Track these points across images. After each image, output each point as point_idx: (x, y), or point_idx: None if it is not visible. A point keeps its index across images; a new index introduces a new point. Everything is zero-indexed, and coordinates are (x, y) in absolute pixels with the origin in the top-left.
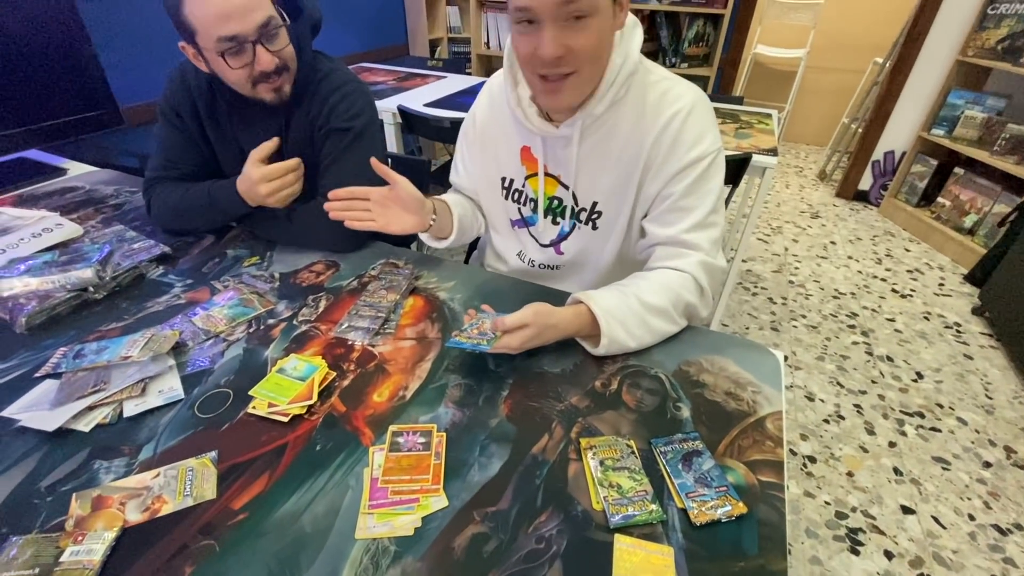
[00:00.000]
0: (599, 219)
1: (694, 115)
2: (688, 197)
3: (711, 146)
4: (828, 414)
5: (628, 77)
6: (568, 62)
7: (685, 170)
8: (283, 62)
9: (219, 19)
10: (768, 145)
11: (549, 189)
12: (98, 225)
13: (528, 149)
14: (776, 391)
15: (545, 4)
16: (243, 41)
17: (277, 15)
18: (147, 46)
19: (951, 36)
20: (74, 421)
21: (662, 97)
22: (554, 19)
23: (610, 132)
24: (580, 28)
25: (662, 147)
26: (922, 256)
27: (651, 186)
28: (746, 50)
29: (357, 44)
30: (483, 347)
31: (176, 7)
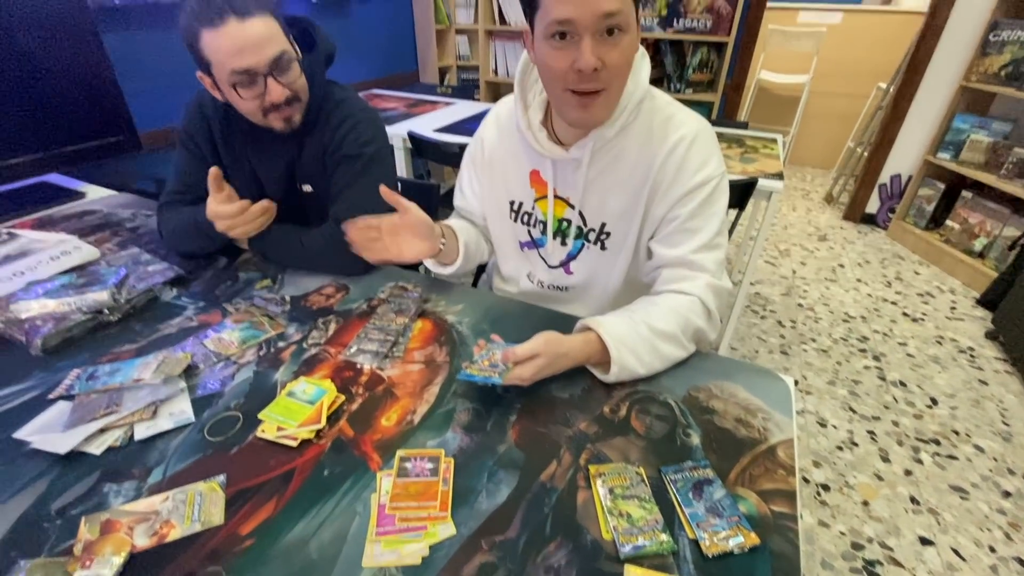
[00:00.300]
0: (607, 240)
1: (699, 141)
2: (694, 219)
3: (715, 170)
4: (841, 440)
5: (638, 104)
6: (602, 77)
7: (691, 193)
8: (294, 93)
9: (233, 53)
10: (774, 169)
11: (558, 211)
12: (114, 248)
13: (537, 172)
14: (787, 418)
15: (587, 15)
16: (255, 74)
17: (290, 48)
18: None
19: (954, 62)
20: (85, 444)
21: (667, 123)
22: (593, 32)
23: (618, 156)
24: (614, 43)
25: (668, 171)
26: (932, 279)
27: (658, 208)
28: (750, 76)
29: (369, 71)
30: (495, 380)
31: (194, 40)
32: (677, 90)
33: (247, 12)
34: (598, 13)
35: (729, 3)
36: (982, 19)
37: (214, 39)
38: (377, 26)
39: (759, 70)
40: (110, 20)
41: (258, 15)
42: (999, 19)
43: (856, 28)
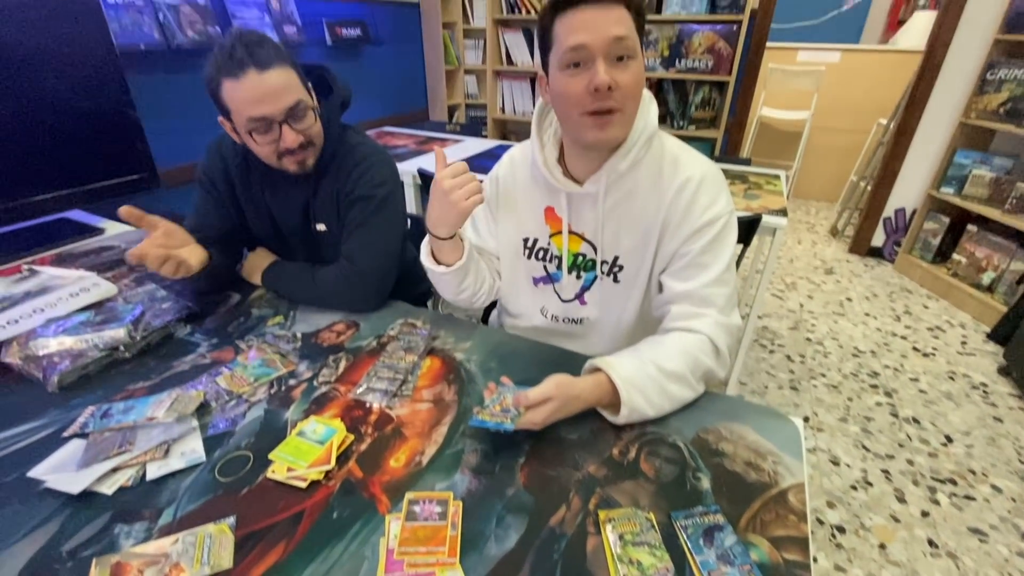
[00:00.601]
0: (620, 273)
1: (706, 181)
2: (706, 254)
3: (724, 208)
4: (855, 480)
5: (648, 139)
6: (616, 97)
7: (702, 229)
8: (308, 139)
9: (251, 103)
10: (778, 206)
11: (573, 246)
12: (131, 284)
13: (552, 209)
14: (797, 461)
15: (598, 40)
16: (271, 121)
17: (306, 97)
18: (184, 113)
19: (953, 99)
20: (98, 483)
21: (675, 163)
22: (605, 56)
23: (631, 191)
24: (624, 67)
25: (678, 208)
26: (942, 313)
27: (669, 244)
28: (752, 113)
29: (381, 110)
30: (507, 426)
31: (216, 89)
32: (680, 127)
33: (267, 65)
34: (608, 37)
35: (729, 44)
36: (978, 58)
37: (234, 89)
38: (389, 67)
39: (760, 107)
40: (135, 63)
41: (277, 67)
42: (995, 59)
43: (855, 67)
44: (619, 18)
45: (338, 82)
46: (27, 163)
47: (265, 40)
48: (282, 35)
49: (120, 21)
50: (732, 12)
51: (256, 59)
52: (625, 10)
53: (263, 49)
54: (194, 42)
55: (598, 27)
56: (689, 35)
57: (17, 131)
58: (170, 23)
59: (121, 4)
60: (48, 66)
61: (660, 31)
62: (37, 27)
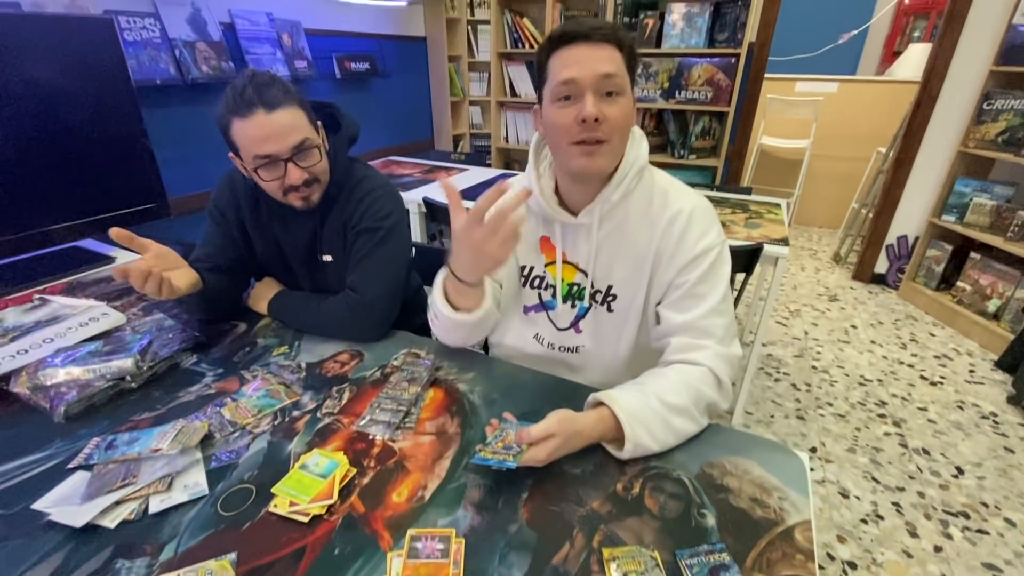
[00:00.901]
0: (614, 302)
1: (696, 214)
2: (701, 285)
3: (716, 239)
4: (866, 513)
5: (639, 171)
6: (603, 129)
7: (696, 260)
8: (313, 176)
9: (258, 140)
10: (779, 235)
11: (567, 275)
12: (139, 313)
13: (547, 239)
14: (803, 497)
15: (588, 75)
16: (277, 159)
17: (313, 135)
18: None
19: (951, 128)
20: (101, 517)
21: (665, 195)
22: (594, 90)
23: (623, 222)
24: (612, 102)
25: (671, 239)
26: (948, 341)
27: (664, 275)
28: (751, 142)
29: (388, 139)
30: (509, 464)
31: (227, 127)
32: (681, 156)
33: (275, 105)
34: (598, 73)
35: (728, 76)
36: (974, 89)
37: (243, 127)
38: (396, 98)
39: (760, 136)
40: (151, 96)
41: (285, 107)
42: (991, 89)
43: (852, 97)
44: (610, 56)
45: (346, 118)
46: (45, 194)
47: (275, 81)
48: (293, 69)
49: (138, 58)
50: (730, 46)
51: (264, 99)
52: (616, 49)
53: (272, 90)
54: (208, 76)
55: (588, 63)
56: (688, 67)
57: (36, 164)
58: (186, 59)
59: (140, 42)
60: (68, 102)
61: (660, 64)
62: (59, 64)
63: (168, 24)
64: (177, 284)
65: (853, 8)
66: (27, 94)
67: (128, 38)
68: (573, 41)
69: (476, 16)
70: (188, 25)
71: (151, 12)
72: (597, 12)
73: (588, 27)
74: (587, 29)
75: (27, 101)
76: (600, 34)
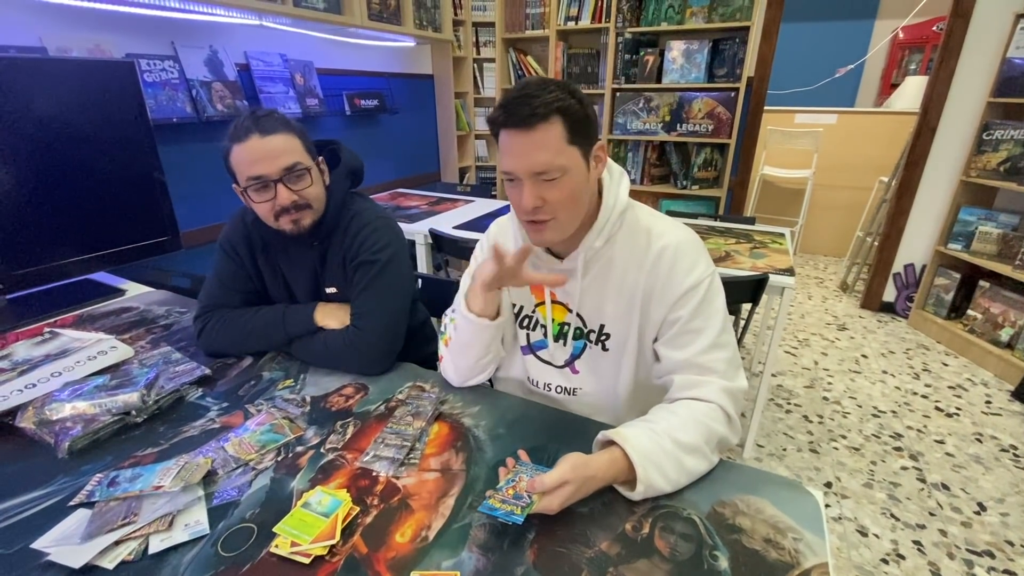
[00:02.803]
0: (608, 340)
1: (682, 248)
2: (696, 319)
3: (705, 271)
4: (886, 552)
5: (620, 214)
6: (545, 211)
7: (687, 294)
8: (304, 200)
9: (250, 162)
10: (784, 265)
11: (558, 315)
12: (147, 346)
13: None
14: (819, 538)
15: (522, 169)
16: (267, 180)
17: (306, 160)
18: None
19: (952, 158)
20: (100, 557)
21: (650, 232)
22: (530, 179)
23: (609, 263)
24: (552, 185)
25: (660, 275)
26: (962, 371)
27: (656, 312)
28: (753, 172)
29: (395, 172)
30: (516, 518)
31: (227, 155)
32: (683, 187)
33: (269, 131)
34: (531, 170)
35: (728, 109)
36: (973, 120)
37: (238, 152)
38: (404, 133)
39: (762, 166)
40: (167, 134)
41: (280, 133)
42: (990, 120)
43: (852, 128)
44: (542, 142)
45: (347, 154)
46: (61, 228)
47: (274, 113)
48: (305, 107)
49: (157, 97)
50: (729, 80)
51: (261, 126)
52: (556, 124)
53: (269, 119)
54: (223, 114)
55: (524, 154)
56: (689, 101)
57: (54, 199)
58: (202, 98)
59: (159, 83)
60: (88, 140)
61: (661, 98)
62: (80, 105)
63: (186, 65)
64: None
65: (849, 43)
66: (49, 133)
67: (148, 79)
68: (507, 126)
69: (482, 55)
70: (205, 66)
71: (171, 55)
72: (599, 51)
73: (520, 115)
74: (520, 118)
75: (48, 139)
76: (536, 118)
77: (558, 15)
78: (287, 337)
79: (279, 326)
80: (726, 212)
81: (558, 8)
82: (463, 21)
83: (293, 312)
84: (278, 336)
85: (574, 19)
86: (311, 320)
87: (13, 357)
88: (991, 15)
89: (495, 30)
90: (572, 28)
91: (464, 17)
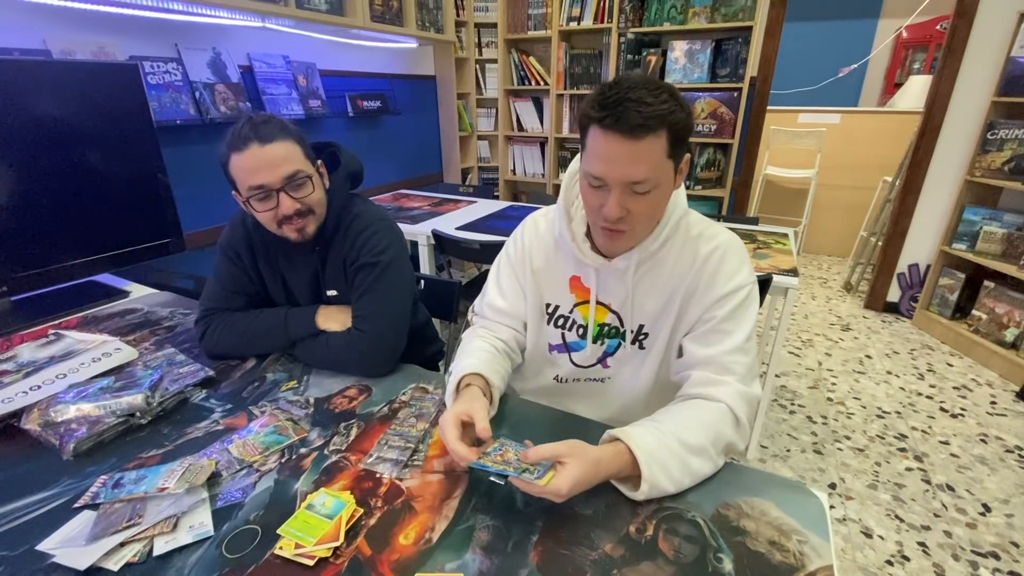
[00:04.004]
0: (645, 340)
1: (730, 251)
2: (729, 321)
3: (748, 279)
4: (891, 554)
5: (677, 220)
6: (627, 221)
7: (727, 297)
8: (306, 207)
9: (251, 172)
10: (787, 265)
11: (599, 316)
12: (151, 348)
13: (579, 279)
14: (824, 540)
15: (616, 178)
16: (269, 189)
17: (307, 167)
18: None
19: (956, 158)
20: (105, 559)
21: (700, 235)
22: (620, 188)
23: (659, 263)
24: (640, 198)
25: (704, 276)
26: (967, 371)
27: (693, 310)
28: (756, 172)
29: (398, 173)
30: (511, 473)
31: (225, 163)
32: (687, 187)
33: (268, 139)
34: (625, 180)
35: (731, 109)
36: (978, 119)
37: (238, 161)
38: (406, 134)
39: (765, 166)
40: (170, 135)
41: (279, 141)
42: (995, 119)
43: (855, 128)
44: (646, 153)
45: (346, 156)
46: (66, 230)
47: (272, 119)
48: (308, 108)
49: (160, 100)
50: (732, 80)
51: (259, 134)
52: (662, 138)
53: (268, 126)
54: (226, 116)
55: (622, 164)
56: (691, 101)
57: (59, 202)
58: (205, 100)
59: (162, 85)
60: (91, 142)
61: None
62: (84, 107)
63: (190, 68)
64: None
65: (852, 42)
66: (53, 135)
67: (152, 81)
68: (611, 130)
69: (484, 55)
70: (208, 69)
71: (174, 57)
72: (601, 51)
73: (629, 122)
74: (628, 125)
75: (52, 142)
76: (644, 130)
77: (560, 16)
78: (289, 340)
79: (281, 329)
80: (729, 212)
81: (560, 8)
82: (465, 22)
83: (295, 315)
84: (280, 339)
85: (576, 19)
86: (313, 323)
87: (18, 359)
88: (995, 14)
89: (497, 31)
90: (574, 28)
91: (466, 18)
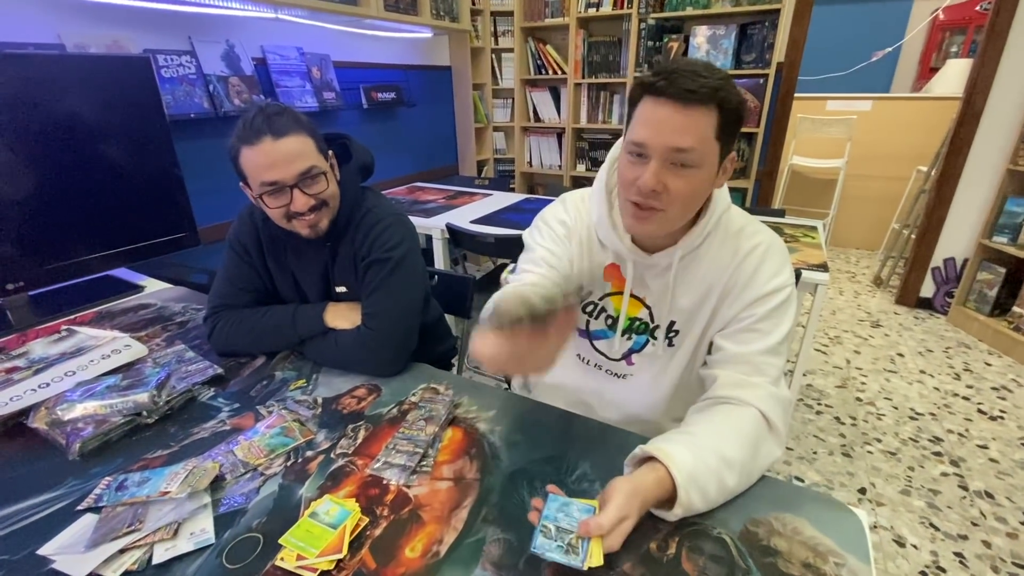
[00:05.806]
0: (675, 337)
1: (772, 250)
2: (766, 321)
3: (788, 280)
4: (925, 565)
5: (720, 215)
6: (661, 199)
7: (766, 296)
8: (319, 201)
9: (264, 167)
10: (817, 260)
11: (632, 310)
12: (162, 344)
13: (617, 268)
14: (864, 564)
15: (658, 143)
16: (283, 185)
17: (320, 162)
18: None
19: (998, 146)
20: (104, 566)
21: (742, 230)
22: (662, 159)
23: (696, 260)
24: (681, 174)
25: (743, 275)
26: (1007, 371)
27: (729, 309)
28: (782, 162)
29: (413, 166)
30: (575, 564)
31: (236, 156)
32: None
33: (282, 133)
34: (669, 145)
35: (756, 96)
36: (1021, 104)
37: (250, 155)
38: (421, 126)
39: (791, 156)
40: (184, 129)
41: (292, 135)
42: None
43: (888, 115)
44: (696, 124)
45: (358, 148)
46: (80, 225)
47: (285, 111)
48: (322, 101)
49: (174, 93)
50: (758, 67)
51: (272, 128)
52: (714, 111)
53: (281, 119)
54: (240, 109)
55: (665, 131)
56: None
57: (72, 196)
58: (219, 93)
59: (176, 78)
60: (105, 137)
61: None
62: (97, 101)
63: (203, 60)
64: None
65: (886, 25)
66: (66, 129)
67: (165, 75)
68: (662, 94)
69: (500, 45)
70: (222, 61)
71: (188, 50)
72: (620, 38)
73: (682, 88)
74: (680, 90)
75: (66, 136)
76: (695, 98)
77: (578, 2)
78: (298, 338)
79: (289, 327)
80: (753, 204)
81: None
82: (481, 10)
83: (303, 313)
84: (289, 337)
85: (595, 6)
86: (321, 321)
87: (30, 355)
88: None
89: (513, 19)
90: (593, 15)
91: (482, 6)
